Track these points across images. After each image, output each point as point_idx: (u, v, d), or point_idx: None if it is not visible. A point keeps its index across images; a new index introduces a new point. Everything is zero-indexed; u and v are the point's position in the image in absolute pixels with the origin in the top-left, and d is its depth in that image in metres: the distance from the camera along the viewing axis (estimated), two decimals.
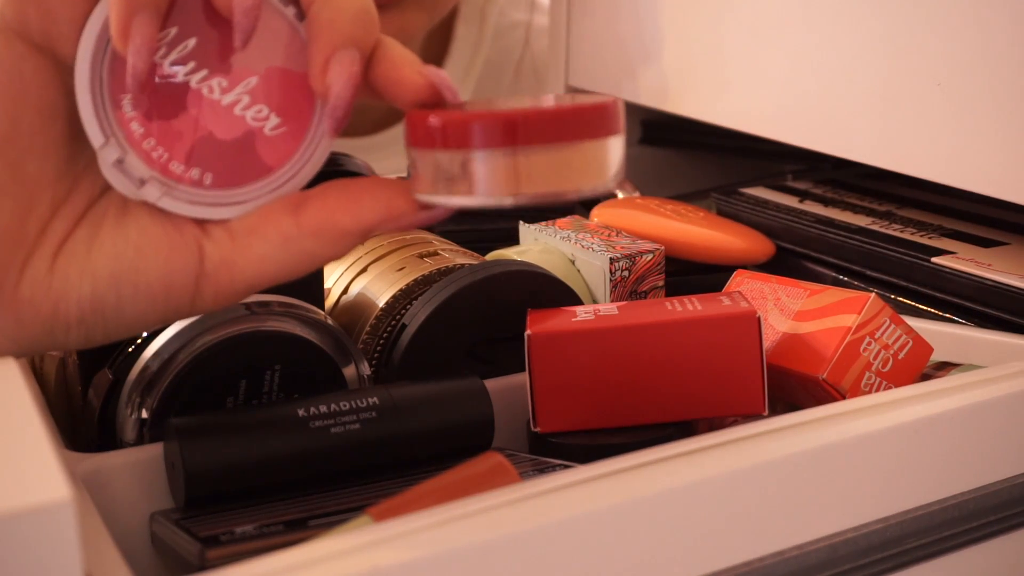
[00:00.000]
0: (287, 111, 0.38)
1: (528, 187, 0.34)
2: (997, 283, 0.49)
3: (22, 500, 0.26)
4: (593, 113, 0.35)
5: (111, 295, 0.37)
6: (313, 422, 0.40)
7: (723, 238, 0.59)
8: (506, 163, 0.34)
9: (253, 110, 0.37)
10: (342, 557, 0.29)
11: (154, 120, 0.37)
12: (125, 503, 0.40)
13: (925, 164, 0.52)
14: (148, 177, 0.37)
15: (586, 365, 0.43)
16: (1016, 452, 0.40)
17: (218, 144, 0.37)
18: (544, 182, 0.34)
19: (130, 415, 0.42)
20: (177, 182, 0.37)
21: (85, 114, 0.36)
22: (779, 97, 0.60)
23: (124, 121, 0.36)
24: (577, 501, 0.32)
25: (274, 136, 0.37)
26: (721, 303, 0.44)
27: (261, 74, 0.37)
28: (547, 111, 0.34)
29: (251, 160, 0.37)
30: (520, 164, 0.34)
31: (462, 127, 0.34)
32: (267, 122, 0.37)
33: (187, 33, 0.36)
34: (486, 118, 0.34)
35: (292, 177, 0.38)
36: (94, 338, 0.38)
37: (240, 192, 0.38)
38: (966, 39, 0.49)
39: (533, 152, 0.34)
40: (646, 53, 0.69)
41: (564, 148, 0.34)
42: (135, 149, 0.37)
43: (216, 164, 0.37)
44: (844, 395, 0.44)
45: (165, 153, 0.37)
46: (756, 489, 0.34)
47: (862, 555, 0.37)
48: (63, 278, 0.37)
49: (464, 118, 0.34)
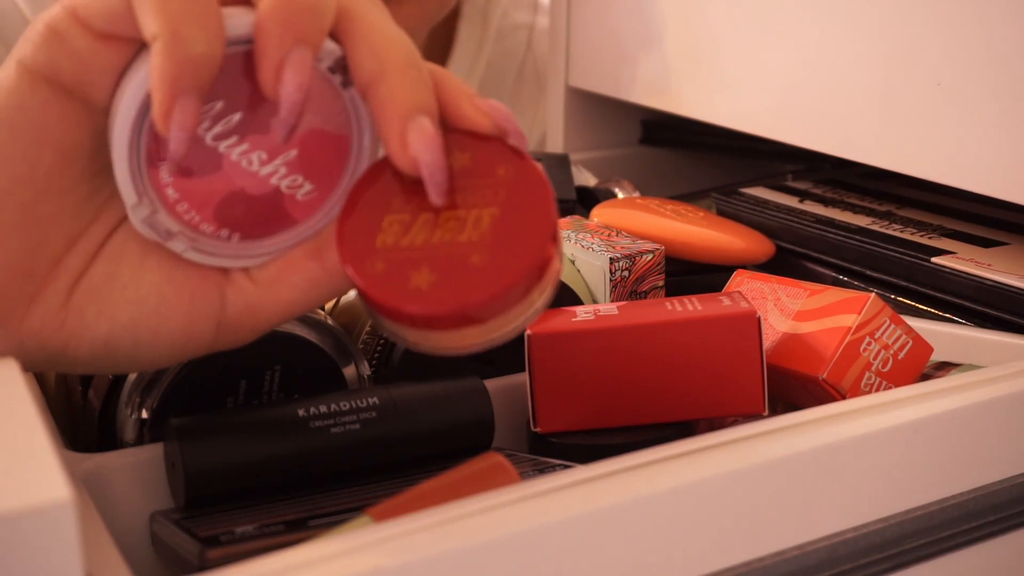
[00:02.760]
0: (320, 174, 0.37)
1: (453, 345, 0.35)
2: (997, 283, 0.49)
3: (22, 500, 0.26)
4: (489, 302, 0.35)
5: (127, 339, 0.37)
6: (313, 422, 0.40)
7: (723, 238, 0.59)
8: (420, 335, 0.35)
9: (288, 179, 0.37)
10: (342, 557, 0.29)
11: (189, 185, 0.36)
12: (125, 503, 0.40)
13: (925, 164, 0.52)
14: (176, 231, 0.36)
15: (586, 365, 0.43)
16: (1016, 452, 0.40)
17: (248, 203, 0.37)
18: (466, 342, 0.35)
19: (130, 415, 0.42)
20: (205, 237, 0.37)
21: (120, 175, 0.35)
22: (779, 97, 0.60)
23: (160, 185, 0.36)
24: (577, 501, 0.32)
25: (304, 199, 0.37)
26: (721, 303, 0.44)
27: (300, 143, 0.36)
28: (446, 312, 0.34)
29: (278, 215, 0.37)
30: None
31: (366, 297, 0.35)
32: (300, 189, 0.37)
33: (233, 108, 0.35)
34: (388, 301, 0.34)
35: (315, 228, 0.38)
36: (100, 372, 0.38)
37: (264, 244, 0.38)
38: (966, 39, 0.49)
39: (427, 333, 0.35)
40: (646, 53, 0.69)
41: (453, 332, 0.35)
42: (167, 209, 0.36)
43: (244, 222, 0.37)
44: (844, 395, 0.44)
45: (197, 215, 0.36)
46: (756, 489, 0.34)
47: (862, 555, 0.37)
48: (78, 317, 0.36)
49: (370, 295, 0.35)
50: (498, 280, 0.34)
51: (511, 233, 0.35)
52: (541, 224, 0.35)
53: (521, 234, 0.35)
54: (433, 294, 0.34)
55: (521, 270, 0.34)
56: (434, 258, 0.34)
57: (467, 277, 0.34)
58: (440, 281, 0.34)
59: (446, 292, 0.34)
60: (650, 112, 0.76)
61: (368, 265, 0.35)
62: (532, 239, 0.34)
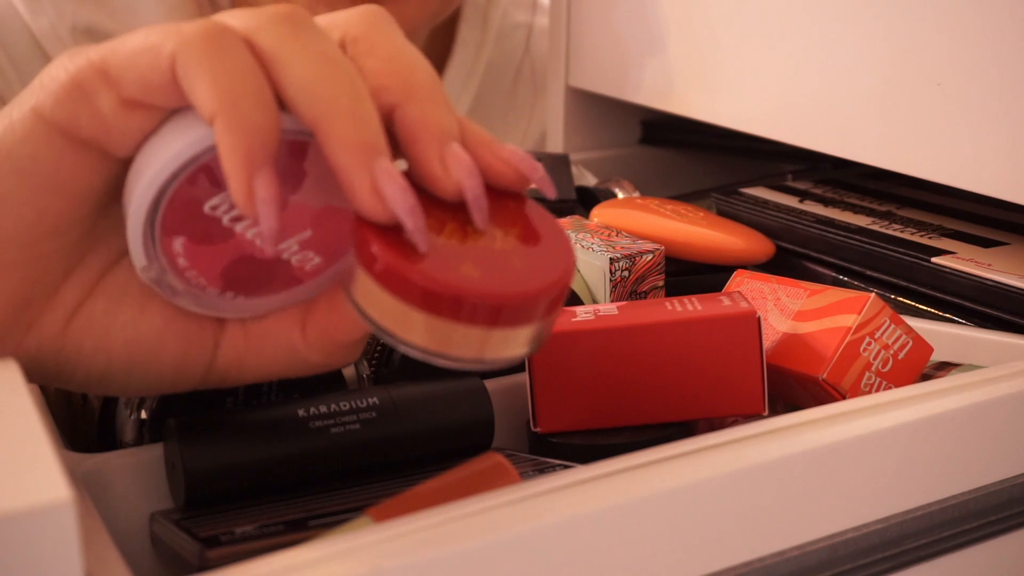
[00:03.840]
0: (331, 248, 0.37)
1: (444, 350, 0.34)
2: (997, 283, 0.49)
3: (22, 500, 0.26)
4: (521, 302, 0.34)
5: (121, 373, 0.37)
6: (313, 422, 0.40)
7: (723, 238, 0.59)
8: (441, 329, 0.34)
9: (300, 255, 0.37)
10: (342, 557, 0.29)
11: (200, 252, 0.35)
12: (125, 503, 0.40)
13: (925, 164, 0.52)
14: (182, 291, 0.36)
15: (586, 365, 0.43)
16: (1016, 452, 0.40)
17: (254, 266, 0.37)
18: (461, 350, 0.34)
19: (130, 415, 0.42)
20: (209, 296, 0.37)
21: (133, 242, 0.34)
22: (779, 97, 0.60)
23: (172, 253, 0.35)
24: (577, 501, 0.32)
25: (312, 269, 0.37)
26: (721, 303, 0.44)
27: (313, 222, 0.36)
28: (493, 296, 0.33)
29: (282, 277, 0.37)
30: (457, 332, 0.34)
31: (406, 283, 0.33)
32: (310, 262, 0.37)
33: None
34: (429, 286, 0.33)
35: (319, 288, 0.38)
36: (92, 392, 0.39)
37: (266, 300, 0.38)
38: (966, 39, 0.49)
39: (470, 328, 0.34)
40: (646, 53, 0.69)
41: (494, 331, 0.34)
42: (175, 273, 0.36)
43: (248, 283, 0.37)
44: (844, 395, 0.44)
45: (204, 279, 0.36)
46: (756, 489, 0.34)
47: (862, 555, 0.37)
48: (76, 348, 0.37)
49: (408, 277, 0.33)
50: (547, 275, 0.34)
51: (542, 246, 0.35)
52: (564, 243, 0.35)
53: (551, 247, 0.35)
54: (488, 281, 0.33)
55: (564, 271, 0.34)
56: (477, 257, 0.34)
57: (514, 274, 0.33)
58: (488, 275, 0.33)
59: (500, 281, 0.33)
60: (650, 112, 0.76)
61: (413, 259, 0.33)
62: (563, 251, 0.35)
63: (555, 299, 0.34)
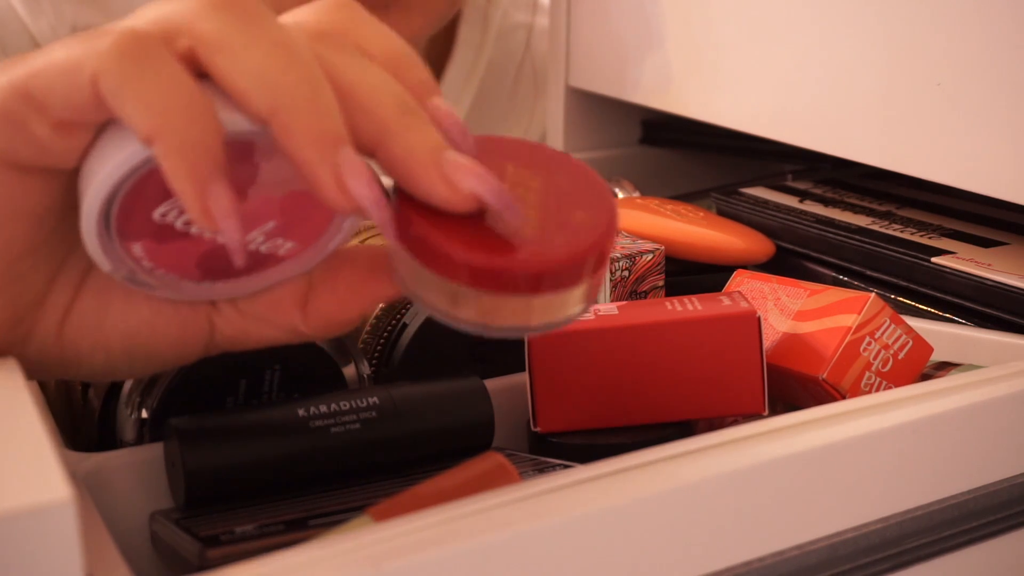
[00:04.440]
0: (301, 230, 0.36)
1: (496, 320, 0.34)
2: (997, 283, 0.49)
3: (22, 500, 0.26)
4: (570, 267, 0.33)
5: (123, 363, 0.38)
6: (313, 422, 0.40)
7: (723, 238, 0.59)
8: (490, 301, 0.33)
9: (268, 244, 0.36)
10: (342, 557, 0.29)
11: (162, 252, 0.35)
12: (125, 503, 0.40)
13: (925, 164, 0.52)
14: (159, 286, 0.36)
15: (586, 365, 0.43)
16: (1016, 452, 0.40)
17: (226, 257, 0.35)
18: (512, 319, 0.34)
19: (130, 415, 0.42)
20: (189, 286, 0.37)
21: (92, 250, 0.34)
22: (779, 97, 0.60)
23: (135, 257, 0.34)
24: (577, 501, 0.32)
25: (287, 252, 0.37)
26: (721, 303, 0.44)
27: (280, 212, 0.35)
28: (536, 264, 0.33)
29: (260, 261, 0.37)
30: (496, 304, 0.33)
31: (449, 260, 0.32)
32: (281, 248, 0.36)
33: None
34: (479, 260, 0.32)
35: (305, 267, 0.37)
36: (101, 381, 0.39)
37: (251, 281, 0.37)
38: (966, 39, 0.49)
39: (511, 297, 0.33)
40: (646, 53, 0.69)
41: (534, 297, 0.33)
42: (144, 274, 0.35)
43: (225, 271, 0.36)
44: (844, 395, 0.44)
45: (176, 275, 0.36)
46: (756, 489, 0.34)
47: (862, 555, 0.37)
48: (74, 350, 0.37)
49: (451, 253, 0.32)
50: (591, 232, 0.33)
51: (580, 199, 0.34)
52: (603, 192, 0.34)
53: (590, 198, 0.34)
54: (533, 249, 0.32)
55: (607, 223, 0.33)
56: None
57: (559, 236, 0.33)
58: (532, 242, 0.33)
59: (546, 247, 0.33)
60: (650, 112, 0.76)
61: (456, 236, 0.32)
62: (603, 201, 0.34)
63: (603, 253, 0.34)
